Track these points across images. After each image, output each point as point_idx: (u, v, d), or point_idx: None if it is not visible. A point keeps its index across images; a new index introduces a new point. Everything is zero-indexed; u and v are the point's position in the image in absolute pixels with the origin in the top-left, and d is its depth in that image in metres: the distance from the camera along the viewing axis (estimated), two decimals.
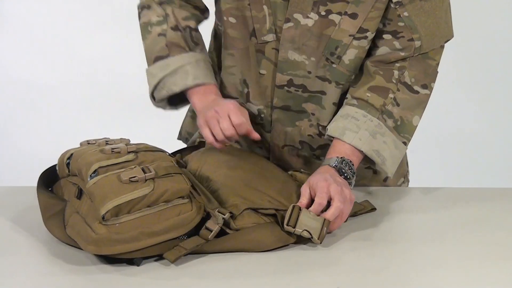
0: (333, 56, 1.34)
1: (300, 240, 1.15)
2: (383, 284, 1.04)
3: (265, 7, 1.33)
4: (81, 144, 1.27)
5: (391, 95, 1.33)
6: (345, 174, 1.28)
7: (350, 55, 1.34)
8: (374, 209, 1.32)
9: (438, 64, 1.36)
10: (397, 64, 1.34)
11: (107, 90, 4.04)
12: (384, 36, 1.33)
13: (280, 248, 1.14)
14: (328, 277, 1.05)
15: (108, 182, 1.09)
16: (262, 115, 1.46)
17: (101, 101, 4.03)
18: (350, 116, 1.33)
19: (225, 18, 1.39)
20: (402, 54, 1.33)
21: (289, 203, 1.19)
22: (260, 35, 1.36)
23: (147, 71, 1.42)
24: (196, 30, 1.44)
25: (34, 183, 1.27)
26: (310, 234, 1.12)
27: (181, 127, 1.66)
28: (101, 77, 4.08)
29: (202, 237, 1.10)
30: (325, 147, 1.41)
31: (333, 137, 1.34)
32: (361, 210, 1.31)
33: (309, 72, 1.37)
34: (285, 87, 1.39)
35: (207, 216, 1.12)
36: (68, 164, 1.22)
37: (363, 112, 1.32)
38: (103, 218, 1.05)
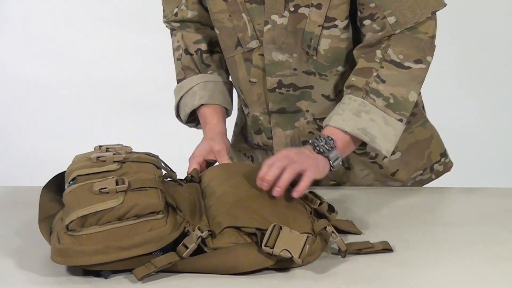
0: (310, 49, 1.37)
1: (281, 263, 1.06)
2: (383, 284, 1.04)
3: (243, 15, 1.38)
4: (94, 148, 1.25)
5: (374, 73, 1.31)
6: (318, 148, 1.24)
7: (324, 45, 1.36)
8: (360, 232, 1.23)
9: (432, 37, 1.33)
10: (382, 45, 1.33)
11: (107, 89, 4.04)
12: (364, 22, 1.34)
13: None
14: (328, 278, 1.05)
15: (80, 192, 1.07)
16: (260, 122, 1.48)
17: (101, 101, 4.03)
18: (339, 103, 1.33)
19: (215, 31, 1.46)
20: (380, 34, 1.32)
21: (281, 223, 1.08)
22: (244, 43, 1.41)
23: (174, 91, 1.54)
24: (208, 51, 1.52)
25: (34, 182, 1.27)
26: (290, 253, 1.03)
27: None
28: (101, 76, 4.08)
29: (178, 254, 1.04)
30: None
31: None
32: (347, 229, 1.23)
33: (295, 69, 1.39)
34: (277, 89, 1.42)
35: (185, 234, 1.07)
36: None
37: (349, 95, 1.31)
38: (67, 228, 1.02)
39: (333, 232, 1.09)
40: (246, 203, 1.13)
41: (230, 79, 1.53)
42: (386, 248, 1.13)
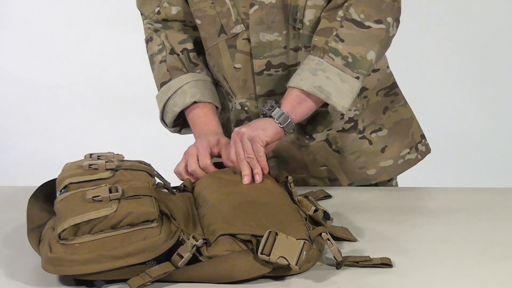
0: (296, 22, 1.38)
1: (277, 271, 1.04)
2: (383, 284, 1.04)
3: (227, 0, 1.38)
4: (85, 157, 1.23)
5: (334, 33, 1.33)
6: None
7: (309, 16, 1.38)
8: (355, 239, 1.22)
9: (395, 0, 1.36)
10: (345, 4, 1.34)
11: (108, 90, 4.04)
12: None
13: None
14: (328, 277, 1.05)
15: (72, 200, 1.05)
16: (246, 108, 1.47)
17: (101, 101, 4.03)
18: (301, 64, 1.36)
19: (195, 21, 1.45)
20: None
21: (276, 229, 1.06)
22: (228, 29, 1.41)
23: (156, 98, 1.49)
24: (194, 50, 1.49)
25: (34, 182, 1.26)
26: (287, 261, 1.01)
27: None
28: (102, 77, 4.08)
29: (173, 263, 1.02)
30: (314, 121, 1.46)
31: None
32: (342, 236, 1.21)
33: (285, 47, 1.41)
34: (265, 71, 1.42)
35: (179, 243, 1.05)
36: None
37: (309, 56, 1.34)
38: (59, 236, 1.00)
39: (328, 239, 1.06)
40: (240, 210, 1.12)
41: (213, 70, 1.51)
42: (385, 264, 1.08)
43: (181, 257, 1.02)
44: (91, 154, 1.23)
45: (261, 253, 1.01)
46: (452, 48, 3.93)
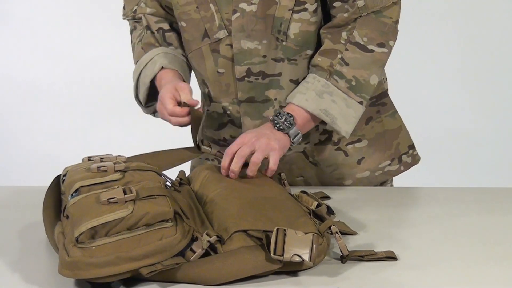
0: (280, 34, 1.39)
1: (288, 266, 1.03)
2: (383, 284, 1.04)
3: (211, 5, 1.39)
4: (83, 160, 1.23)
5: (339, 55, 1.36)
6: (278, 125, 1.32)
7: (294, 29, 1.39)
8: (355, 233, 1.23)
9: (396, 22, 1.38)
10: (348, 26, 1.37)
11: (108, 90, 4.04)
12: (335, 4, 1.38)
13: None
14: (328, 277, 1.05)
15: (86, 203, 1.04)
16: (229, 112, 1.48)
17: (101, 101, 4.03)
18: (304, 81, 1.38)
19: (179, 23, 1.46)
20: (345, 15, 1.36)
21: (286, 224, 1.07)
22: (212, 34, 1.41)
23: (133, 74, 1.50)
24: (169, 31, 1.51)
25: (36, 182, 1.27)
26: (301, 258, 1.01)
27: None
28: (102, 77, 4.08)
29: (186, 258, 1.02)
30: None
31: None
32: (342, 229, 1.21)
33: (264, 56, 1.41)
34: (245, 78, 1.42)
35: (195, 240, 1.05)
36: (63, 181, 1.17)
37: (313, 75, 1.37)
38: (77, 240, 0.99)
39: (336, 232, 1.07)
40: (249, 206, 1.12)
41: (194, 74, 1.53)
42: (390, 257, 1.10)
43: (194, 252, 1.02)
44: (89, 157, 1.22)
45: (274, 254, 1.00)
46: (452, 47, 3.93)
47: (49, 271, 1.06)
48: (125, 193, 1.04)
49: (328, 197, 1.41)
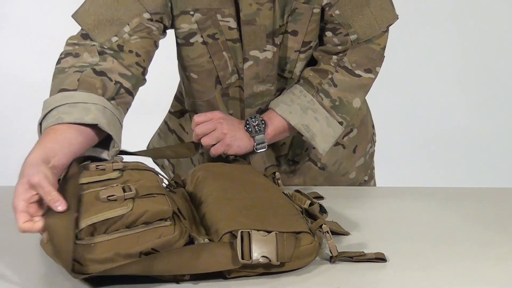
0: (285, 72, 1.42)
1: (274, 267, 1.03)
2: (382, 284, 1.04)
3: (224, 53, 1.39)
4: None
5: (329, 76, 1.39)
6: (248, 126, 1.38)
7: (300, 67, 1.43)
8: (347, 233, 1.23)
9: (383, 48, 1.42)
10: (339, 54, 1.40)
11: None
12: (326, 33, 1.40)
13: None
14: (328, 277, 1.05)
15: (85, 200, 1.04)
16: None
17: None
18: (290, 91, 1.41)
19: (187, 74, 1.45)
20: (340, 48, 1.40)
21: (278, 223, 1.07)
22: (224, 80, 1.42)
23: (44, 102, 1.26)
24: (127, 91, 1.28)
25: None
26: (268, 259, 1.01)
27: (149, 142, 1.71)
28: None
29: None
30: (292, 145, 1.51)
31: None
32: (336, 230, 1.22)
33: (275, 94, 1.44)
34: (255, 114, 1.46)
35: (191, 241, 1.06)
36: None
37: (301, 88, 1.40)
38: (76, 237, 0.99)
39: (327, 232, 1.08)
40: (241, 206, 1.12)
41: None
42: (379, 258, 1.10)
43: None
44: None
45: (242, 259, 1.00)
46: (452, 47, 3.93)
47: (49, 271, 1.06)
48: (124, 191, 1.04)
49: (321, 197, 1.41)
